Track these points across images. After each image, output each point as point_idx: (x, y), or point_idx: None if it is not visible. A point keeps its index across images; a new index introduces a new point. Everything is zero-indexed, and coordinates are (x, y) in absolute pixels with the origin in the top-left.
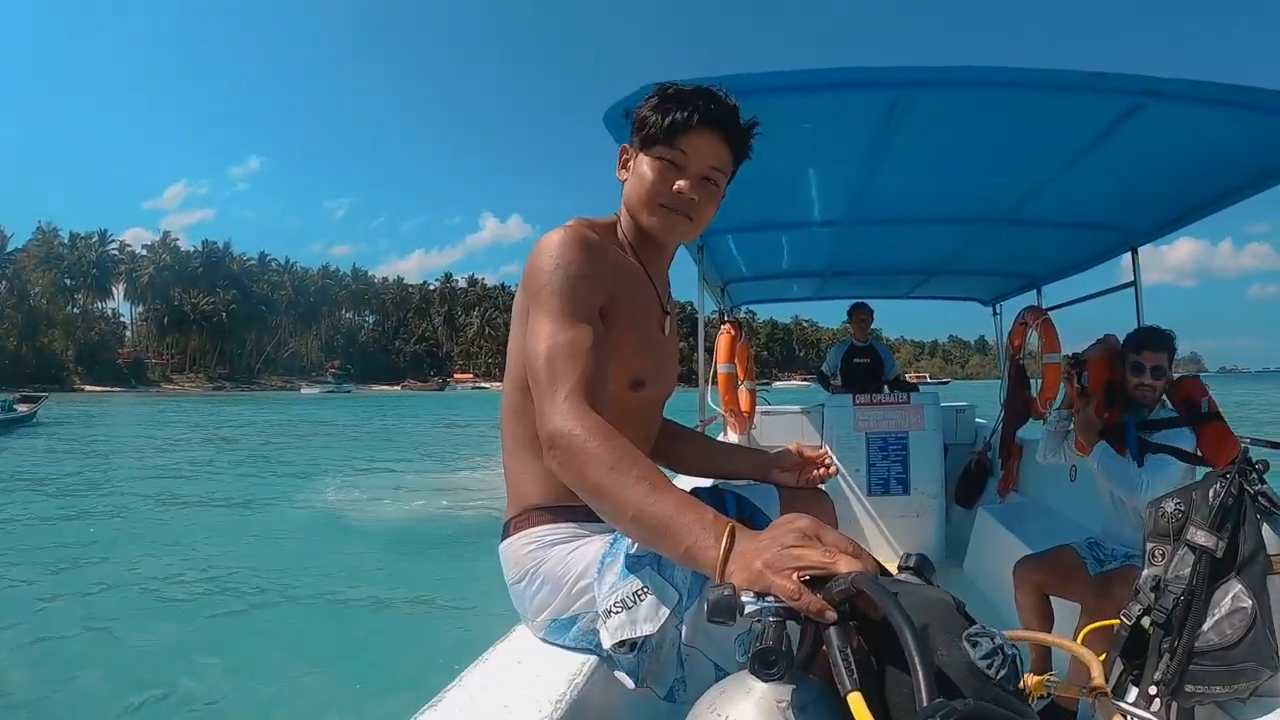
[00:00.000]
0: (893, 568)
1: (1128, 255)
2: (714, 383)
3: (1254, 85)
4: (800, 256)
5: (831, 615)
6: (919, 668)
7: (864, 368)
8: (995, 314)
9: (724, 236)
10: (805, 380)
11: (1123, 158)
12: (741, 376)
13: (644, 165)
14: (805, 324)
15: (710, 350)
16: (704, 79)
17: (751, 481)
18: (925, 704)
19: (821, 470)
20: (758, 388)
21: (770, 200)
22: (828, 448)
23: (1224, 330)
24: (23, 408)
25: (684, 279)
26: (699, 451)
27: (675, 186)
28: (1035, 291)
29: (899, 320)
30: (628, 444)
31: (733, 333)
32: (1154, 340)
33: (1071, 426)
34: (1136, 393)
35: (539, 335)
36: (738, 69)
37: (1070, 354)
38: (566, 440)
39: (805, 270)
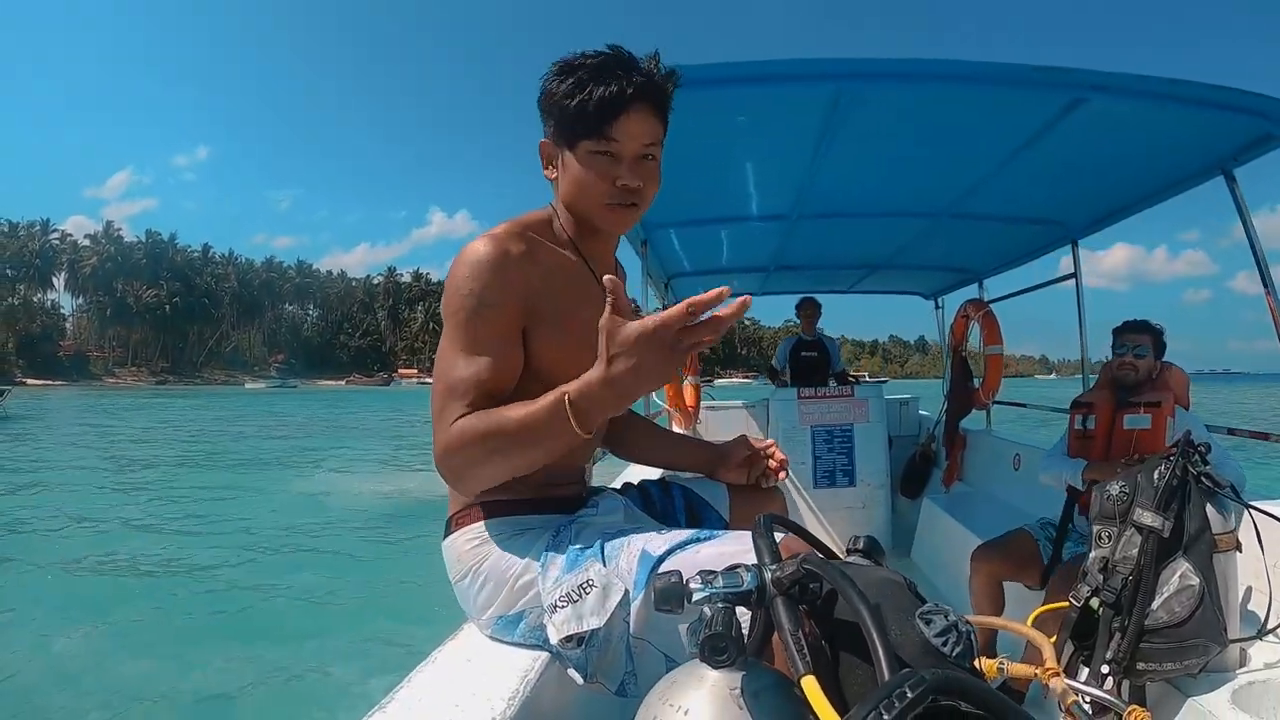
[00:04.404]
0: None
1: (1069, 249)
2: None
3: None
4: (744, 251)
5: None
6: (878, 643)
7: (811, 361)
8: (937, 308)
9: (667, 230)
10: (747, 378)
11: (1064, 151)
12: (686, 372)
13: (576, 164)
14: (747, 322)
15: None
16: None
17: (700, 475)
18: (886, 678)
19: (771, 467)
20: (702, 383)
21: (714, 194)
22: (774, 440)
23: None
24: None
25: (628, 273)
26: (647, 437)
27: (618, 182)
28: (977, 285)
29: (841, 319)
30: (486, 421)
31: None
32: (1132, 324)
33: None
34: (1119, 371)
35: (443, 361)
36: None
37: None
38: (450, 456)
39: (749, 265)
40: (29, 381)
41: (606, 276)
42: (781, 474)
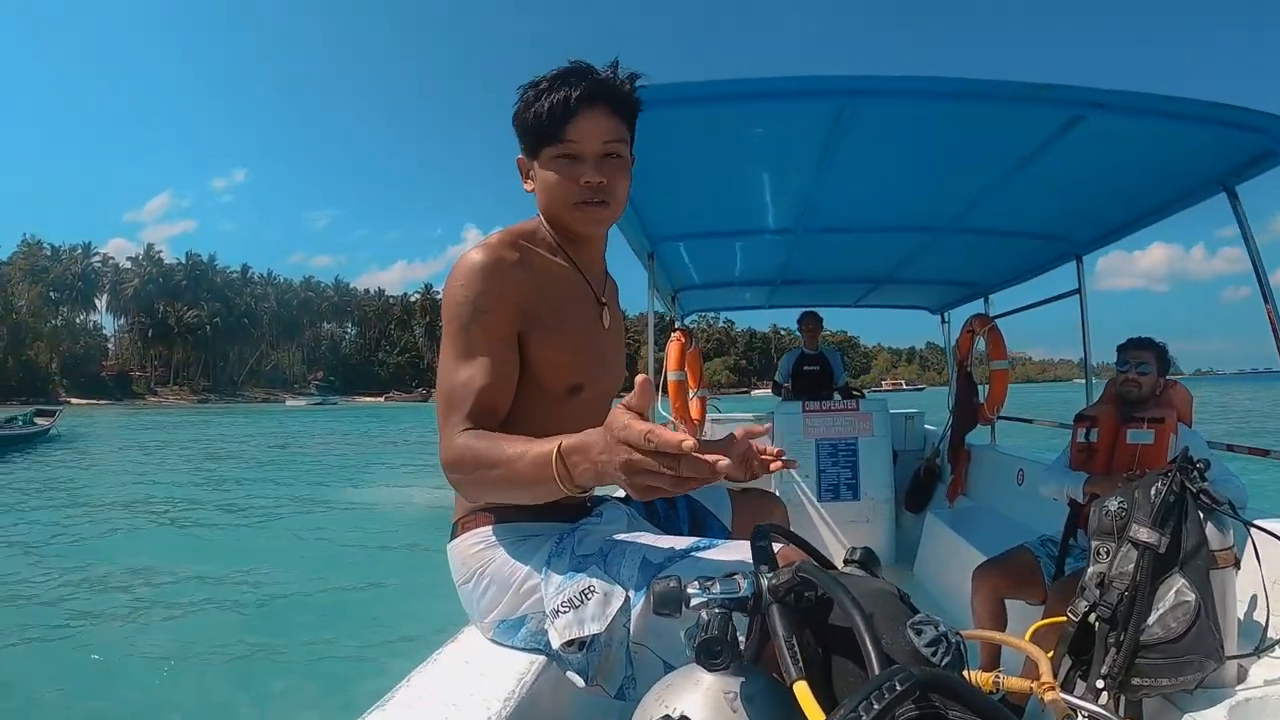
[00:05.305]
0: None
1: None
2: (664, 390)
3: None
4: (751, 264)
5: (690, 442)
6: (870, 647)
7: (813, 375)
8: (943, 322)
9: (675, 244)
10: None
11: (1065, 167)
12: (692, 384)
13: (543, 172)
14: (783, 332)
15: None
16: (661, 84)
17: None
18: (877, 674)
19: (766, 459)
20: (709, 396)
21: (722, 208)
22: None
23: (1198, 334)
24: (41, 421)
25: (635, 286)
26: None
27: (582, 180)
28: (982, 300)
29: (877, 327)
30: (485, 448)
31: (682, 340)
32: (1136, 341)
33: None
34: (1123, 388)
35: (443, 368)
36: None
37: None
38: (451, 472)
39: (756, 278)
40: (73, 401)
41: (640, 377)
42: (776, 465)
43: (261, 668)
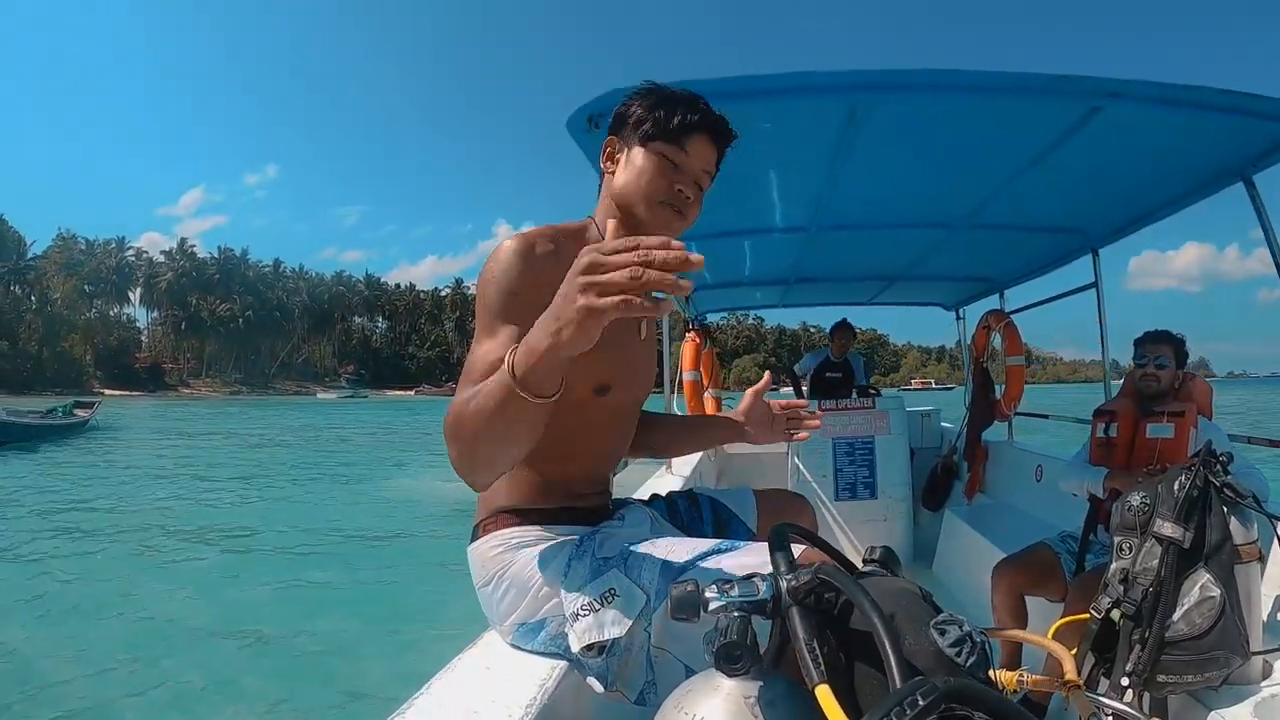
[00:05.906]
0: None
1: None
2: (679, 390)
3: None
4: (764, 263)
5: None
6: (890, 652)
7: (835, 381)
8: (958, 318)
9: (688, 244)
10: None
11: (1081, 160)
12: (707, 383)
13: (642, 159)
14: (813, 329)
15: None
16: (669, 82)
17: (728, 486)
18: (899, 684)
19: (800, 422)
20: (723, 395)
21: (734, 207)
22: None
23: (1232, 335)
24: (80, 412)
25: None
26: (671, 433)
27: (676, 185)
28: (998, 295)
29: (906, 326)
30: (461, 397)
31: (697, 340)
32: (1153, 335)
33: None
34: (1141, 382)
35: (473, 346)
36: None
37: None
38: (446, 432)
39: (769, 278)
40: (106, 392)
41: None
42: (811, 423)
43: (292, 648)
